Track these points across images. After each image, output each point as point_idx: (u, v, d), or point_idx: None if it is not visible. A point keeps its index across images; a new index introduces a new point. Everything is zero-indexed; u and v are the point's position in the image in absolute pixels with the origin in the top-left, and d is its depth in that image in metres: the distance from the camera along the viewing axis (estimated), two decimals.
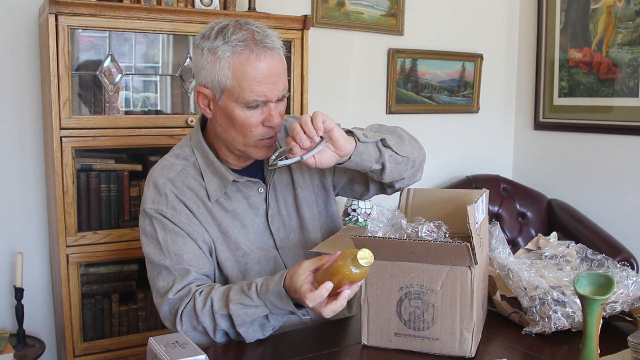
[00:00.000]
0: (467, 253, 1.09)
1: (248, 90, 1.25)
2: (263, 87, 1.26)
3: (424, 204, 1.38)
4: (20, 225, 2.29)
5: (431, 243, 1.11)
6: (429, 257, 1.13)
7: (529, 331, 1.24)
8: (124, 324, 2.20)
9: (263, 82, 1.25)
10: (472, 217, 1.10)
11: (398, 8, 2.96)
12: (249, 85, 1.25)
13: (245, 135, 1.30)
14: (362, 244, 1.16)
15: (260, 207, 1.42)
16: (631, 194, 2.83)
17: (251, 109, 1.27)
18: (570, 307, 1.21)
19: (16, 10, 2.21)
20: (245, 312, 1.22)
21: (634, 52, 2.76)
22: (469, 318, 1.13)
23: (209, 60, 1.27)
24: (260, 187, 1.42)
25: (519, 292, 1.27)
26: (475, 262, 1.11)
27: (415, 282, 1.15)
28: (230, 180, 1.36)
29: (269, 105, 1.29)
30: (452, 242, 1.09)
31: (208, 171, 1.38)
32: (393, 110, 3.02)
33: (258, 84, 1.25)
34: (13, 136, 2.25)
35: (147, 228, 1.36)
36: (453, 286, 1.13)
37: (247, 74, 1.24)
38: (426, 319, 1.15)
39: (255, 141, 1.31)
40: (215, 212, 1.37)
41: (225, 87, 1.27)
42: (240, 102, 1.27)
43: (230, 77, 1.25)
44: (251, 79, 1.25)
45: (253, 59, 1.24)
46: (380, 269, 1.17)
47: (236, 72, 1.25)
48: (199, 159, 1.39)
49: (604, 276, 1.09)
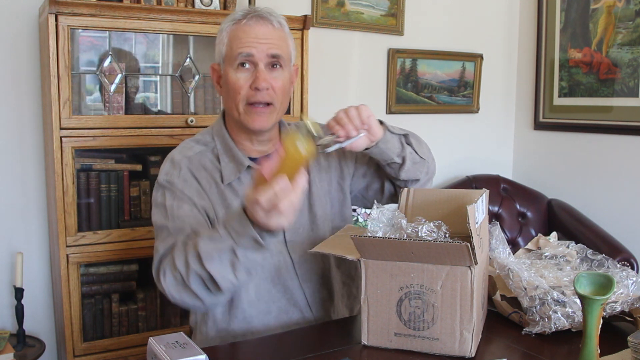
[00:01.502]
0: (467, 253, 1.09)
1: (235, 47, 1.35)
2: (248, 45, 1.34)
3: (424, 204, 1.38)
4: (20, 225, 2.29)
5: (431, 243, 1.11)
6: (429, 257, 1.13)
7: (529, 331, 1.24)
8: (124, 324, 2.20)
9: (250, 41, 1.34)
10: (472, 217, 1.10)
11: (398, 8, 2.96)
12: (236, 45, 1.35)
13: (236, 99, 1.36)
14: (362, 244, 1.16)
15: None
16: (631, 194, 2.83)
17: (240, 70, 1.35)
18: (570, 307, 1.21)
19: (16, 10, 2.21)
20: (213, 246, 1.18)
21: (634, 52, 2.76)
22: (469, 318, 1.13)
23: (218, 37, 1.40)
24: None
25: (519, 292, 1.27)
26: (475, 262, 1.11)
27: (415, 282, 1.15)
28: (246, 165, 1.39)
29: (258, 68, 1.34)
30: (452, 242, 1.09)
31: (225, 156, 1.41)
32: (393, 110, 3.03)
33: (244, 43, 1.34)
34: (13, 136, 2.25)
35: (158, 198, 1.39)
36: (453, 286, 1.13)
37: (237, 35, 1.35)
38: (426, 319, 1.15)
39: (244, 106, 1.36)
40: (226, 194, 1.39)
41: (223, 54, 1.38)
42: (231, 64, 1.35)
43: (226, 42, 1.37)
44: (239, 38, 1.35)
45: (244, 24, 1.36)
46: (380, 269, 1.17)
47: (230, 36, 1.37)
48: (218, 145, 1.43)
49: (604, 276, 1.09)
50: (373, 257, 1.17)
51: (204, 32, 2.15)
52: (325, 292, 1.48)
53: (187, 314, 2.26)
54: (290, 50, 1.42)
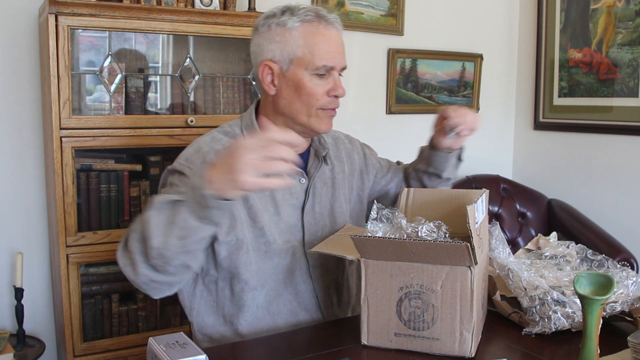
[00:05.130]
0: (467, 253, 1.09)
1: (318, 55, 1.32)
2: (331, 54, 1.33)
3: (424, 204, 1.38)
4: (20, 225, 2.29)
5: (431, 243, 1.11)
6: (429, 257, 1.13)
7: (529, 331, 1.24)
8: (123, 324, 2.20)
9: (331, 49, 1.34)
10: (471, 217, 1.10)
11: (398, 8, 2.96)
12: (319, 51, 1.32)
13: (310, 104, 1.34)
14: (361, 244, 1.16)
15: (299, 198, 1.42)
16: (631, 194, 2.83)
17: (319, 77, 1.34)
18: (570, 307, 1.21)
19: (16, 10, 2.20)
20: (159, 198, 1.11)
21: (634, 52, 2.76)
22: (468, 318, 1.13)
23: (278, 32, 1.33)
24: (303, 177, 1.43)
25: (518, 293, 1.27)
26: (475, 262, 1.11)
27: (415, 282, 1.15)
28: None
29: (334, 76, 1.35)
30: (452, 242, 1.09)
31: None
32: (393, 110, 3.03)
33: (327, 51, 1.33)
34: (13, 136, 2.25)
35: (167, 178, 1.34)
36: (453, 286, 1.13)
37: (318, 40, 1.32)
38: (426, 319, 1.15)
39: (317, 110, 1.35)
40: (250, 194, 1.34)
41: (295, 56, 1.33)
42: (310, 69, 1.33)
43: (302, 44, 1.32)
44: (321, 45, 1.32)
45: (322, 28, 1.33)
46: (379, 269, 1.17)
47: (307, 39, 1.32)
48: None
49: (604, 276, 1.09)
50: (373, 257, 1.17)
51: (204, 32, 2.15)
52: (337, 297, 1.48)
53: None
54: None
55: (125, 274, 1.18)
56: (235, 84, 2.36)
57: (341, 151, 1.54)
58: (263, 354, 1.21)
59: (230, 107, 2.35)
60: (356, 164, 1.57)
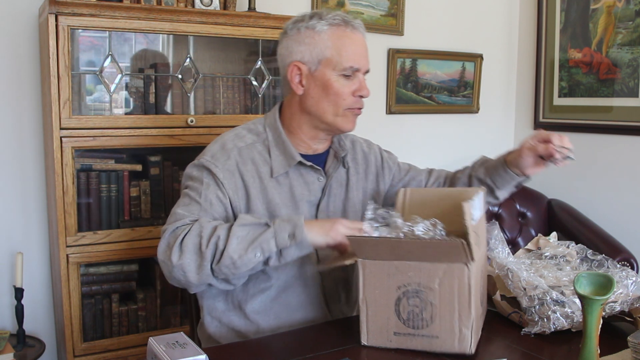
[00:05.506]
0: (463, 250, 1.09)
1: (345, 57, 1.40)
2: (358, 56, 1.41)
3: (421, 203, 1.38)
4: (20, 225, 2.29)
5: (427, 241, 1.11)
6: (426, 256, 1.13)
7: (528, 331, 1.24)
8: (124, 324, 2.20)
9: (357, 51, 1.42)
10: (468, 214, 1.10)
11: (398, 8, 2.96)
12: (346, 53, 1.40)
13: (337, 104, 1.41)
14: (358, 244, 1.16)
15: (316, 195, 1.46)
16: (631, 194, 2.83)
17: (345, 77, 1.41)
18: (569, 307, 1.21)
19: (16, 10, 2.20)
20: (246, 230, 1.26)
21: (634, 52, 2.76)
22: (467, 315, 1.13)
23: (307, 35, 1.41)
24: (321, 176, 1.47)
25: (518, 292, 1.27)
26: (472, 259, 1.11)
27: (413, 281, 1.15)
28: (297, 159, 1.42)
29: (359, 77, 1.42)
30: (448, 240, 1.09)
31: (276, 149, 1.44)
32: (393, 111, 3.02)
33: (354, 53, 1.41)
34: (13, 136, 2.25)
35: (194, 173, 1.41)
36: (451, 284, 1.13)
37: (345, 43, 1.41)
38: (425, 317, 1.15)
39: (344, 110, 1.42)
40: (270, 189, 1.41)
41: (324, 57, 1.40)
42: (337, 70, 1.40)
43: (330, 46, 1.40)
44: (348, 47, 1.41)
45: (349, 32, 1.42)
46: (377, 268, 1.17)
47: (335, 41, 1.40)
48: (270, 137, 1.46)
49: (604, 276, 1.09)
50: (370, 257, 1.17)
51: (204, 32, 2.15)
52: (345, 295, 1.51)
53: (187, 314, 2.26)
54: None
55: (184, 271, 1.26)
56: (235, 84, 2.36)
57: (357, 154, 1.59)
58: (263, 353, 1.21)
59: (230, 107, 2.35)
60: (372, 166, 1.60)
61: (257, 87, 2.37)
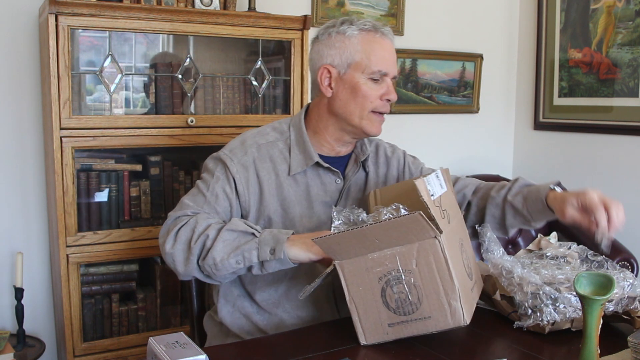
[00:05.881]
0: (424, 220, 1.08)
1: (374, 61, 1.42)
2: (386, 61, 1.44)
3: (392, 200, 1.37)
4: (20, 225, 2.29)
5: (387, 222, 1.10)
6: (393, 239, 1.12)
7: (521, 325, 1.23)
8: (124, 324, 2.20)
9: (386, 57, 1.44)
10: (423, 190, 1.12)
11: (398, 8, 2.96)
12: (376, 57, 1.43)
13: (364, 106, 1.43)
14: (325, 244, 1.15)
15: (333, 197, 1.48)
16: (631, 194, 2.83)
17: (374, 81, 1.43)
18: (562, 302, 1.21)
19: (16, 10, 2.20)
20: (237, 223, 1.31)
21: (634, 52, 2.76)
22: (452, 287, 1.12)
23: (338, 39, 1.45)
24: (339, 179, 1.49)
25: (511, 289, 1.27)
26: (439, 230, 1.10)
27: (391, 268, 1.14)
28: (315, 160, 1.44)
29: (387, 81, 1.45)
30: (406, 215, 1.09)
31: (297, 148, 1.47)
32: (393, 111, 3.02)
33: (382, 58, 1.43)
34: (13, 136, 2.25)
35: (210, 165, 1.46)
36: (428, 261, 1.13)
37: (375, 48, 1.43)
38: (412, 300, 1.15)
39: (369, 113, 1.44)
40: (285, 186, 1.44)
41: (353, 60, 1.43)
42: (366, 73, 1.43)
43: (360, 50, 1.43)
44: (377, 51, 1.43)
45: (379, 37, 1.45)
46: (354, 266, 1.17)
47: (365, 46, 1.43)
48: (292, 136, 1.49)
49: (604, 276, 1.09)
50: (345, 257, 1.17)
51: (204, 32, 2.15)
52: None
53: (187, 314, 2.26)
54: None
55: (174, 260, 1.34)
56: (235, 84, 2.36)
57: (379, 158, 1.59)
58: (263, 353, 1.21)
59: (230, 107, 2.35)
60: (393, 171, 1.60)
61: (257, 87, 2.37)
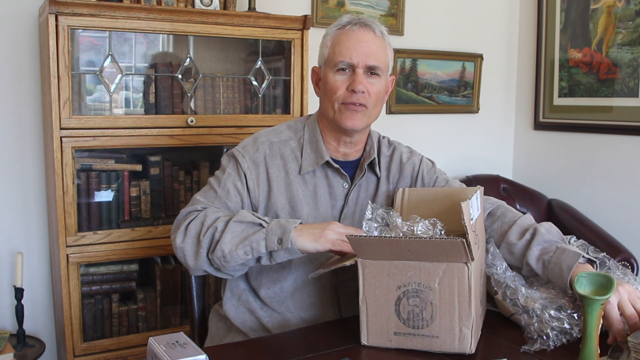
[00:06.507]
0: (464, 249, 1.09)
1: (338, 52, 1.41)
2: (351, 50, 1.40)
3: (419, 203, 1.38)
4: (20, 225, 2.29)
5: (427, 240, 1.11)
6: (426, 255, 1.13)
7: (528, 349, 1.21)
8: (124, 324, 2.20)
9: (351, 46, 1.40)
10: (466, 213, 1.10)
11: (398, 8, 2.96)
12: (340, 48, 1.41)
13: (332, 99, 1.42)
14: (358, 244, 1.16)
15: (339, 201, 1.47)
16: (631, 194, 2.83)
17: (339, 72, 1.41)
18: (567, 323, 1.20)
19: (16, 10, 2.21)
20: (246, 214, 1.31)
21: (634, 52, 2.76)
22: (467, 314, 1.13)
23: (322, 41, 1.47)
24: (346, 182, 1.48)
25: (517, 310, 1.27)
26: (471, 258, 1.11)
27: (413, 281, 1.15)
28: (325, 159, 1.44)
29: (356, 72, 1.40)
30: (448, 239, 1.09)
31: (309, 147, 1.47)
32: (393, 111, 3.03)
33: (347, 48, 1.40)
34: (13, 136, 2.25)
35: (223, 162, 1.48)
36: (450, 283, 1.13)
37: (341, 40, 1.42)
38: (425, 317, 1.15)
39: (339, 105, 1.41)
40: (294, 184, 1.44)
41: (325, 57, 1.44)
42: (331, 66, 1.42)
43: (330, 45, 1.44)
44: (343, 43, 1.41)
45: (348, 29, 1.42)
46: (377, 268, 1.17)
47: (334, 41, 1.43)
48: (305, 135, 1.49)
49: (604, 276, 1.09)
50: (370, 257, 1.17)
51: (204, 32, 2.15)
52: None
53: (187, 314, 2.26)
54: (388, 61, 1.47)
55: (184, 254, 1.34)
56: (235, 84, 2.36)
57: (393, 162, 1.55)
58: (263, 353, 1.21)
59: (230, 107, 2.35)
60: (406, 177, 1.54)
61: (257, 87, 2.37)
